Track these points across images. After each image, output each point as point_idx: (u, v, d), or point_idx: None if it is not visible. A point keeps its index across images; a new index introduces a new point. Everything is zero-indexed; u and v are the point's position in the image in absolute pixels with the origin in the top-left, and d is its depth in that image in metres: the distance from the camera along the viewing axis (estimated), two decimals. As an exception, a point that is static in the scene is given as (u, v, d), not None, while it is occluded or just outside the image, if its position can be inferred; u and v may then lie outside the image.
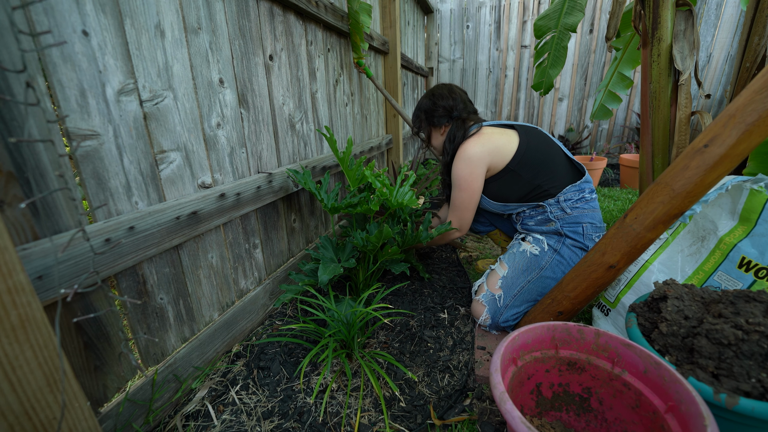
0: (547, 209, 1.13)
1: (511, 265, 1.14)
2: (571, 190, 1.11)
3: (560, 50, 1.54)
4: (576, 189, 1.12)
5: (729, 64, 3.40)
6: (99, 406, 0.70)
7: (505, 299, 1.09)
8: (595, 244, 0.90)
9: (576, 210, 1.11)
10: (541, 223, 1.16)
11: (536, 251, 1.13)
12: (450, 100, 1.21)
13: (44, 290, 0.56)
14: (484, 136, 1.14)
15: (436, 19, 4.09)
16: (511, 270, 1.13)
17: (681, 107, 1.21)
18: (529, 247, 1.15)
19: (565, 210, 1.11)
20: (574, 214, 1.11)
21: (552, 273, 1.10)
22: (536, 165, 1.12)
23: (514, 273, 1.12)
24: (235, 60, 1.02)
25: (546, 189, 1.11)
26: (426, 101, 1.25)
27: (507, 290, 1.10)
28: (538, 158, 1.12)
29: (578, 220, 1.11)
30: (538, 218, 1.16)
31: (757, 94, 0.64)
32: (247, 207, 1.08)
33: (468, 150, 1.12)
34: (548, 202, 1.12)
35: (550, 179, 1.11)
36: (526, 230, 1.22)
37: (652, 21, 1.21)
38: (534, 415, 0.78)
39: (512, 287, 1.10)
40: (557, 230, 1.12)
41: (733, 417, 0.59)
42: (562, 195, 1.11)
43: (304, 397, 0.89)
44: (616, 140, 3.89)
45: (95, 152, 0.67)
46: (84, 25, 0.63)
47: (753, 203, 0.84)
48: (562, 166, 1.14)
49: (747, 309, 0.64)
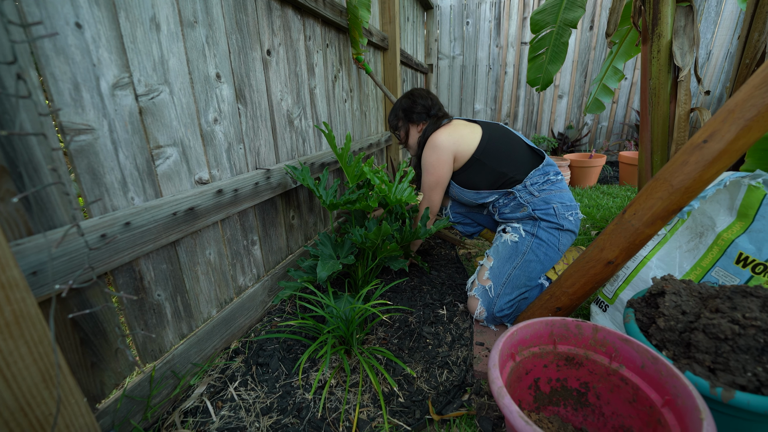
0: (516, 195, 1.21)
1: (496, 256, 1.20)
2: (536, 174, 1.19)
3: (560, 46, 1.53)
4: (540, 173, 1.19)
5: (729, 62, 3.39)
6: (96, 403, 0.70)
7: (496, 288, 1.13)
8: (593, 240, 0.90)
9: (543, 192, 1.19)
10: (515, 209, 1.23)
11: (515, 238, 1.19)
12: (429, 101, 1.32)
13: (39, 286, 0.56)
14: (450, 127, 1.25)
15: (435, 15, 4.06)
16: (497, 260, 1.18)
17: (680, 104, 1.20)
18: (508, 236, 1.21)
19: (533, 193, 1.18)
20: (543, 197, 1.18)
21: (534, 256, 1.16)
22: (499, 154, 1.21)
23: (500, 262, 1.17)
24: (233, 55, 1.01)
25: (512, 176, 1.20)
26: (406, 100, 1.34)
27: (496, 279, 1.15)
28: (500, 148, 1.22)
29: (548, 201, 1.18)
30: (511, 205, 1.24)
31: (756, 90, 0.64)
32: (245, 203, 1.07)
33: (436, 139, 1.23)
34: (516, 188, 1.20)
35: (514, 166, 1.20)
36: (504, 219, 1.30)
37: (653, 17, 1.20)
38: (532, 409, 0.78)
39: (500, 276, 1.15)
40: (530, 215, 1.19)
41: (729, 411, 0.59)
42: (528, 180, 1.19)
43: (303, 392, 0.89)
44: (615, 137, 3.89)
45: (90, 147, 0.66)
46: (77, 17, 0.63)
47: (751, 199, 0.84)
48: (523, 155, 1.23)
49: (744, 304, 0.64)
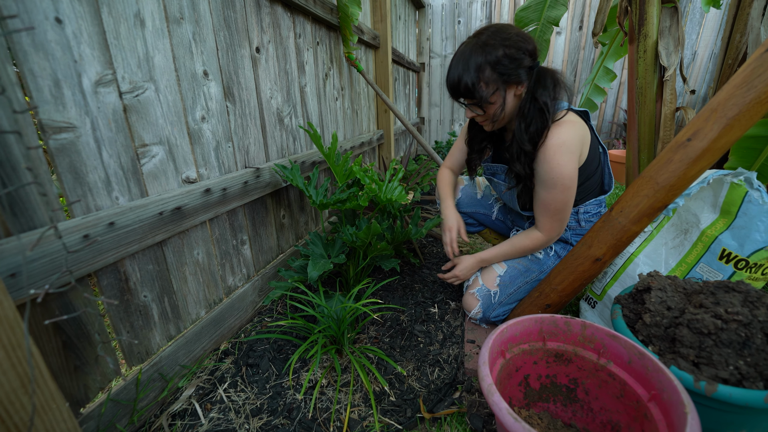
0: None
1: (510, 265, 1.09)
2: (592, 203, 1.03)
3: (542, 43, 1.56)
4: (596, 202, 1.04)
5: (713, 62, 3.46)
6: (80, 407, 0.68)
7: (500, 297, 1.07)
8: (581, 237, 0.91)
9: (589, 224, 1.05)
10: None
11: (540, 255, 1.09)
12: (530, 44, 0.86)
13: (17, 288, 0.54)
14: (578, 126, 0.89)
15: (427, 14, 4.07)
16: (511, 269, 1.09)
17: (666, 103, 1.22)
18: None
19: (580, 222, 1.05)
20: (587, 227, 1.06)
21: None
22: (587, 174, 0.97)
23: (514, 273, 1.08)
24: (220, 52, 1.00)
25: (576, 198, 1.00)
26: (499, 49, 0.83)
27: (504, 288, 1.07)
28: (591, 167, 0.97)
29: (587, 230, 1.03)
30: None
31: (738, 89, 0.66)
32: (233, 202, 1.06)
33: (571, 142, 0.86)
34: None
35: (584, 189, 0.99)
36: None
37: (639, 17, 1.22)
38: (522, 406, 0.79)
39: (509, 286, 1.08)
40: (566, 239, 1.08)
41: (712, 404, 0.60)
42: (582, 207, 1.03)
43: (294, 393, 0.89)
44: (604, 136, 3.95)
45: (71, 145, 0.65)
46: (57, 12, 0.61)
47: (733, 196, 0.86)
48: (598, 179, 1.02)
49: (726, 299, 0.66)
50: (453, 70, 0.88)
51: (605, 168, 1.05)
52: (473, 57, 0.84)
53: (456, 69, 0.87)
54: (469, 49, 0.86)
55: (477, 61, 0.84)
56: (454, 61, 0.89)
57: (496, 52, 0.83)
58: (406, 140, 3.66)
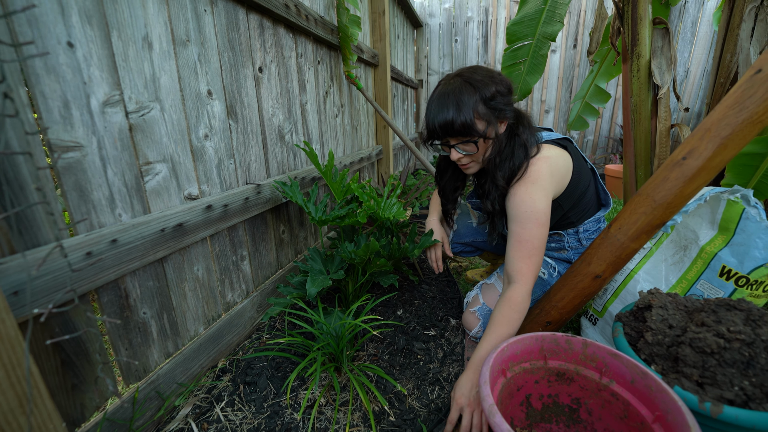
0: (564, 238, 1.05)
1: None
2: (591, 221, 1.04)
3: (538, 58, 1.51)
4: (594, 220, 1.05)
5: (706, 79, 3.54)
6: (76, 427, 0.67)
7: None
8: (581, 254, 0.91)
9: (590, 241, 1.05)
10: (553, 250, 1.10)
11: (544, 275, 1.08)
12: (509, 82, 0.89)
13: (20, 306, 0.54)
14: (552, 160, 0.90)
15: (425, 33, 4.18)
16: None
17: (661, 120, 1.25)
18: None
19: (581, 241, 1.05)
20: (588, 246, 1.04)
21: None
22: (577, 197, 0.97)
23: None
24: (224, 72, 1.03)
25: (572, 220, 1.02)
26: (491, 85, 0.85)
27: None
28: (579, 188, 0.97)
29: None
30: (551, 245, 1.10)
31: (730, 110, 0.67)
32: (234, 218, 1.07)
33: (543, 179, 0.87)
34: (567, 232, 1.04)
35: (579, 210, 1.01)
36: None
37: (631, 38, 1.26)
38: (524, 427, 0.77)
39: None
40: (568, 258, 1.08)
41: (718, 426, 0.59)
42: (582, 226, 1.03)
43: (292, 412, 0.87)
44: (601, 151, 3.99)
45: (78, 164, 0.66)
46: (69, 37, 0.63)
47: (731, 213, 0.87)
48: (592, 197, 1.03)
49: (728, 317, 0.66)
50: (442, 110, 0.85)
51: (597, 186, 1.06)
52: (465, 94, 0.83)
53: (446, 108, 0.84)
54: (456, 88, 0.85)
55: (471, 97, 0.83)
56: (439, 101, 0.86)
57: (489, 88, 0.84)
58: (405, 155, 3.70)
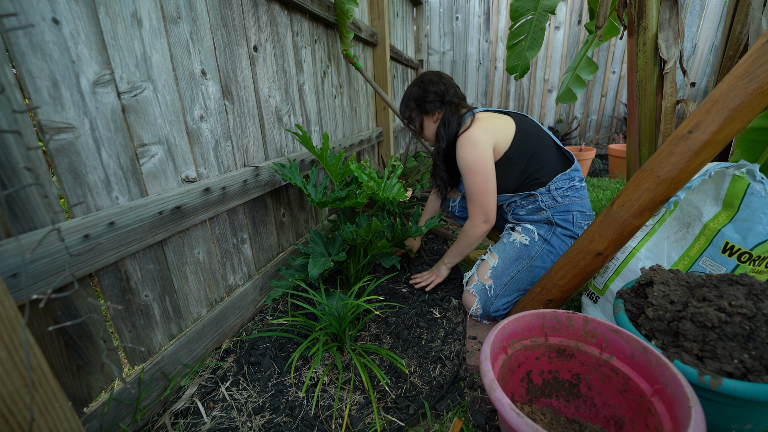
0: (538, 198, 1.13)
1: (501, 255, 1.14)
2: (562, 179, 1.12)
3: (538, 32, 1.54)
4: (566, 177, 1.12)
5: (713, 54, 3.44)
6: (83, 407, 0.69)
7: (496, 289, 1.10)
8: (583, 232, 0.91)
9: (566, 198, 1.12)
10: (532, 212, 1.16)
11: (526, 241, 1.13)
12: (441, 85, 1.19)
13: (19, 288, 0.54)
14: (485, 121, 1.11)
15: (425, 11, 4.05)
16: (501, 260, 1.13)
17: (666, 96, 1.21)
18: (519, 237, 1.15)
19: (556, 198, 1.12)
20: (565, 203, 1.12)
21: (542, 262, 1.11)
22: (530, 152, 1.11)
23: (504, 263, 1.12)
24: (218, 51, 1.00)
25: (538, 177, 1.11)
26: (416, 89, 1.21)
27: (497, 280, 1.10)
28: (532, 145, 1.12)
29: (568, 208, 1.12)
30: (529, 207, 1.16)
31: (739, 80, 0.65)
32: (233, 201, 1.06)
33: (473, 134, 1.09)
34: (539, 191, 1.12)
35: (542, 167, 1.11)
36: (517, 220, 1.21)
37: (638, 10, 1.21)
38: (525, 402, 0.78)
39: (502, 277, 1.11)
40: (548, 219, 1.13)
41: (717, 398, 0.60)
42: (552, 183, 1.11)
43: (296, 391, 0.89)
44: (604, 131, 3.93)
45: (71, 146, 0.64)
46: (54, 13, 0.61)
47: (735, 189, 0.86)
48: (552, 155, 1.14)
49: (730, 292, 0.65)
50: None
51: (555, 143, 1.17)
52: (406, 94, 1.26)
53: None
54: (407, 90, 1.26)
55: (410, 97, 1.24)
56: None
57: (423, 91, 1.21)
58: (406, 137, 3.65)
